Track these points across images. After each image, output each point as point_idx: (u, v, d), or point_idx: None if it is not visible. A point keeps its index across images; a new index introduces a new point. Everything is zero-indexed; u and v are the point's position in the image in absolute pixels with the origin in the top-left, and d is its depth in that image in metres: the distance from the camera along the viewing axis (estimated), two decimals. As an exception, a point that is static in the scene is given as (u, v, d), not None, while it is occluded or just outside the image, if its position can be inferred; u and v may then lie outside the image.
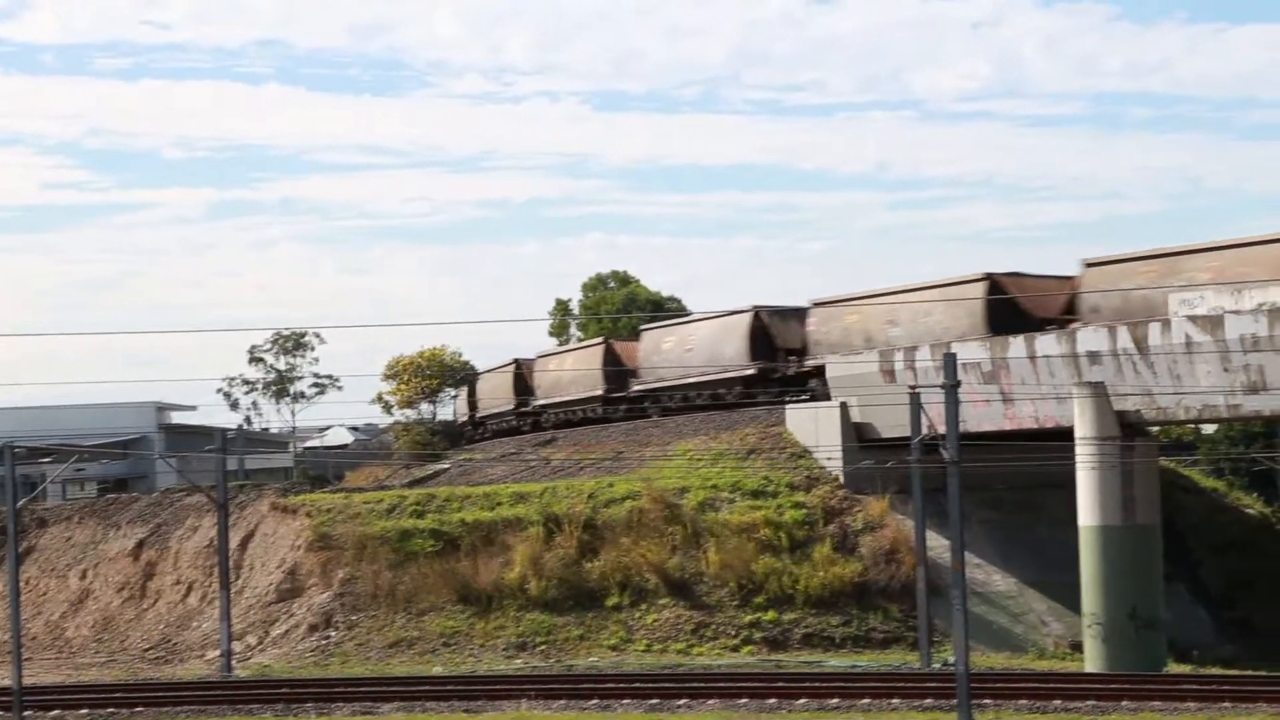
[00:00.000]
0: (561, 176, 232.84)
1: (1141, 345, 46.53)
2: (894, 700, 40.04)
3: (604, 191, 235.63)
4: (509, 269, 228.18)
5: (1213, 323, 44.65)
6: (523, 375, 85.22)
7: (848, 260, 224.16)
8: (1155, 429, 53.01)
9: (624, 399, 74.12)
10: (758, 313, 66.84)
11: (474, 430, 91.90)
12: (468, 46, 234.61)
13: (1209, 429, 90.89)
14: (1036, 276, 55.73)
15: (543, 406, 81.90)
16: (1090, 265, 51.95)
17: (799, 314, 65.03)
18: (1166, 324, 45.88)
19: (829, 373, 59.18)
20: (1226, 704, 38.45)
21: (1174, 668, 48.00)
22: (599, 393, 75.64)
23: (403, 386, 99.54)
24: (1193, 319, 45.16)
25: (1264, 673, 45.83)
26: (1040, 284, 55.19)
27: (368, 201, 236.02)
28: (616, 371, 74.65)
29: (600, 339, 78.68)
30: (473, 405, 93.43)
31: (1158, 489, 49.50)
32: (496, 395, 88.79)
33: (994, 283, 54.33)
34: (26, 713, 41.77)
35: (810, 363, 62.92)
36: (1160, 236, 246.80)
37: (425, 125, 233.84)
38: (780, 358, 65.39)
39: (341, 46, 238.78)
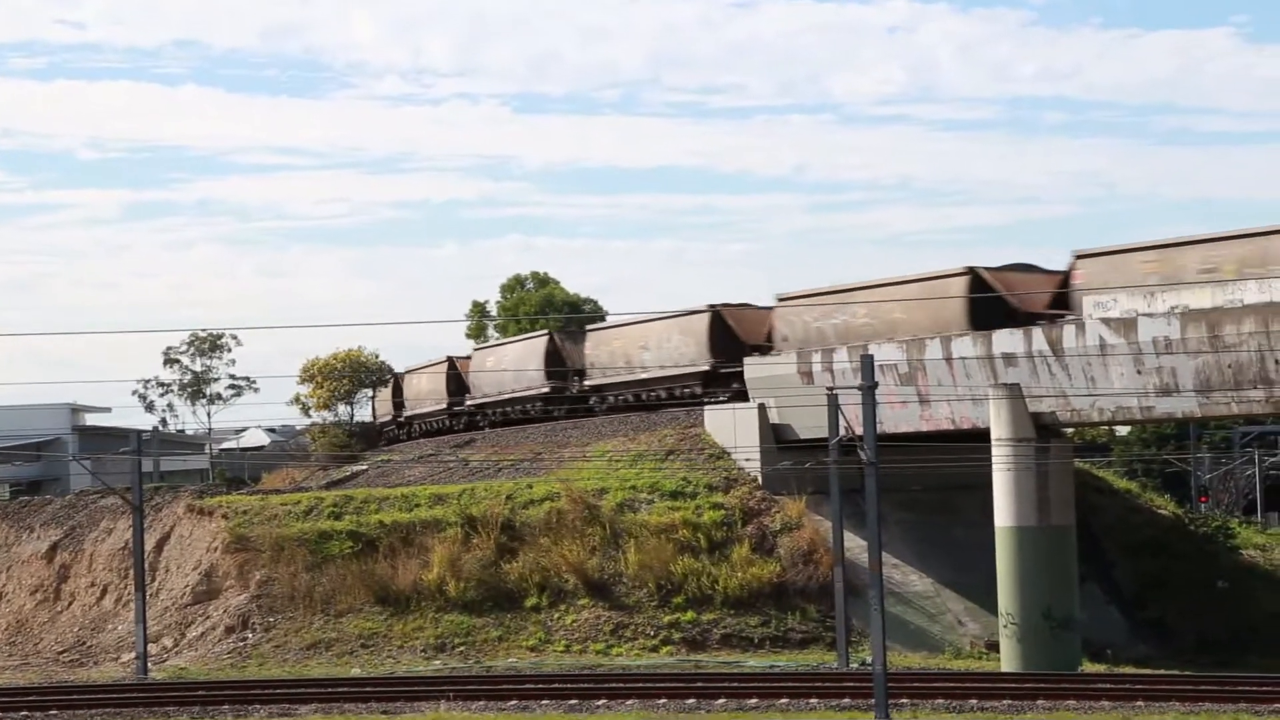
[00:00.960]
0: (481, 178, 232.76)
1: (1056, 347, 46.96)
2: (812, 700, 40.21)
3: (523, 193, 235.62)
4: (427, 270, 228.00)
5: (1126, 325, 45.10)
6: (399, 387, 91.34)
7: (768, 263, 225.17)
8: (1070, 430, 53.49)
9: (463, 412, 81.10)
10: (552, 336, 74.43)
11: (377, 436, 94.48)
12: (387, 48, 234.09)
13: (1122, 431, 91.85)
14: (755, 308, 63.42)
15: (410, 417, 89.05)
16: (781, 300, 59.55)
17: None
18: (1081, 326, 46.33)
19: (747, 373, 59.40)
20: (1140, 703, 38.86)
21: (1088, 667, 48.47)
22: (444, 406, 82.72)
23: (319, 389, 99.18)
24: (1106, 321, 45.60)
25: (1176, 672, 46.35)
26: (753, 314, 63.07)
27: (285, 203, 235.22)
28: (458, 387, 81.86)
29: (445, 358, 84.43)
30: (374, 413, 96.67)
31: (1072, 490, 49.96)
32: (385, 405, 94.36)
33: (716, 314, 63.22)
34: (-61, 716, 41.34)
35: (588, 383, 70.38)
36: (1074, 240, 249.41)
37: (344, 126, 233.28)
38: (571, 377, 71.41)
39: (257, 48, 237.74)
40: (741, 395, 60.06)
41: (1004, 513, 48.38)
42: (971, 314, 50.85)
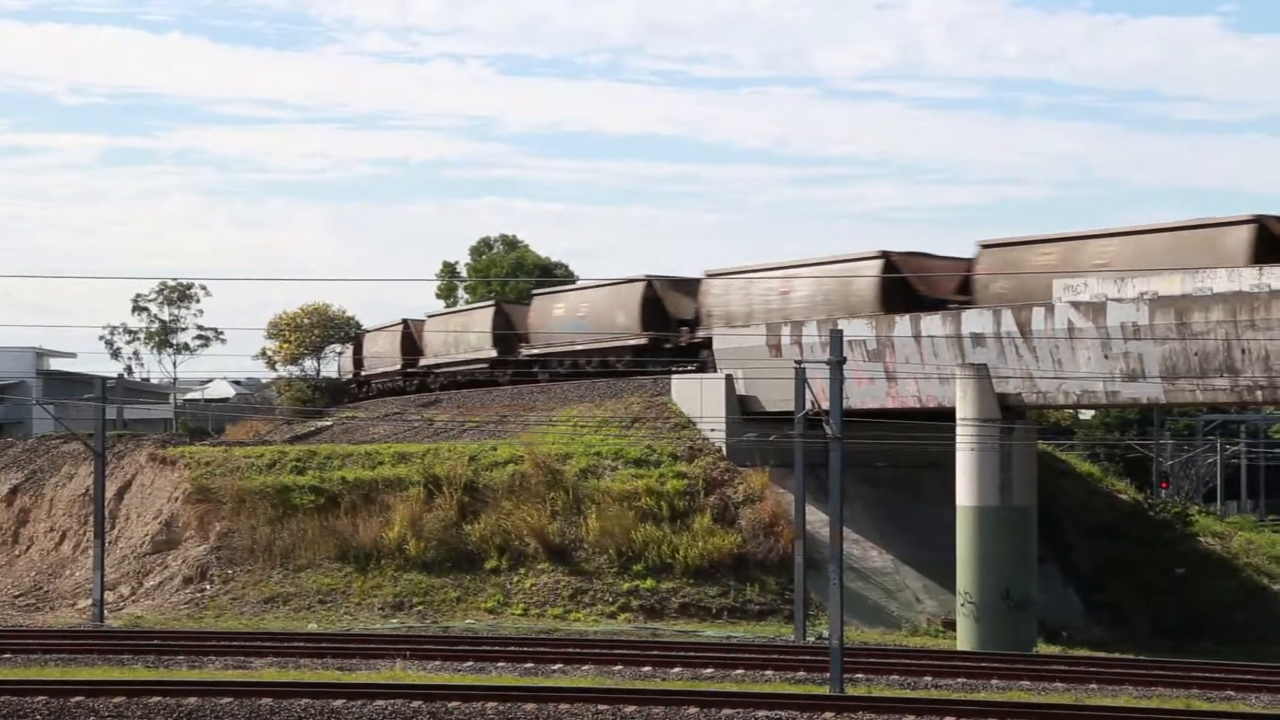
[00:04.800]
0: (463, 139, 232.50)
1: (1025, 329, 47.05)
2: (767, 671, 40.30)
3: (504, 155, 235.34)
4: (403, 229, 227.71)
5: (1095, 309, 45.21)
6: (361, 347, 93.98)
7: (745, 234, 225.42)
8: (1035, 412, 53.67)
9: (415, 374, 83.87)
10: (498, 304, 78.06)
11: (343, 392, 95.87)
12: (375, 5, 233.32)
13: (1086, 414, 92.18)
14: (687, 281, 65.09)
15: (367, 376, 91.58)
16: (709, 275, 61.87)
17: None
18: (1050, 309, 46.41)
19: (715, 345, 59.40)
20: (1093, 685, 39.04)
21: (1043, 648, 48.65)
22: (399, 367, 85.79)
23: (286, 343, 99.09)
24: (1075, 305, 45.70)
25: (1130, 656, 46.60)
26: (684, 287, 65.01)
27: (266, 155, 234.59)
28: (412, 348, 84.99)
29: (401, 321, 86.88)
30: (340, 369, 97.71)
31: (1035, 472, 50.12)
32: (349, 365, 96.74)
33: (649, 284, 65.50)
34: (-108, 656, 41.18)
35: (527, 351, 72.80)
36: (1051, 222, 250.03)
37: (328, 81, 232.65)
38: (515, 344, 74.35)
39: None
40: (701, 367, 60.94)
41: (966, 492, 48.52)
42: (883, 297, 53.07)
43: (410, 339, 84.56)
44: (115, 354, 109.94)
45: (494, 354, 74.74)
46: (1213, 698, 37.71)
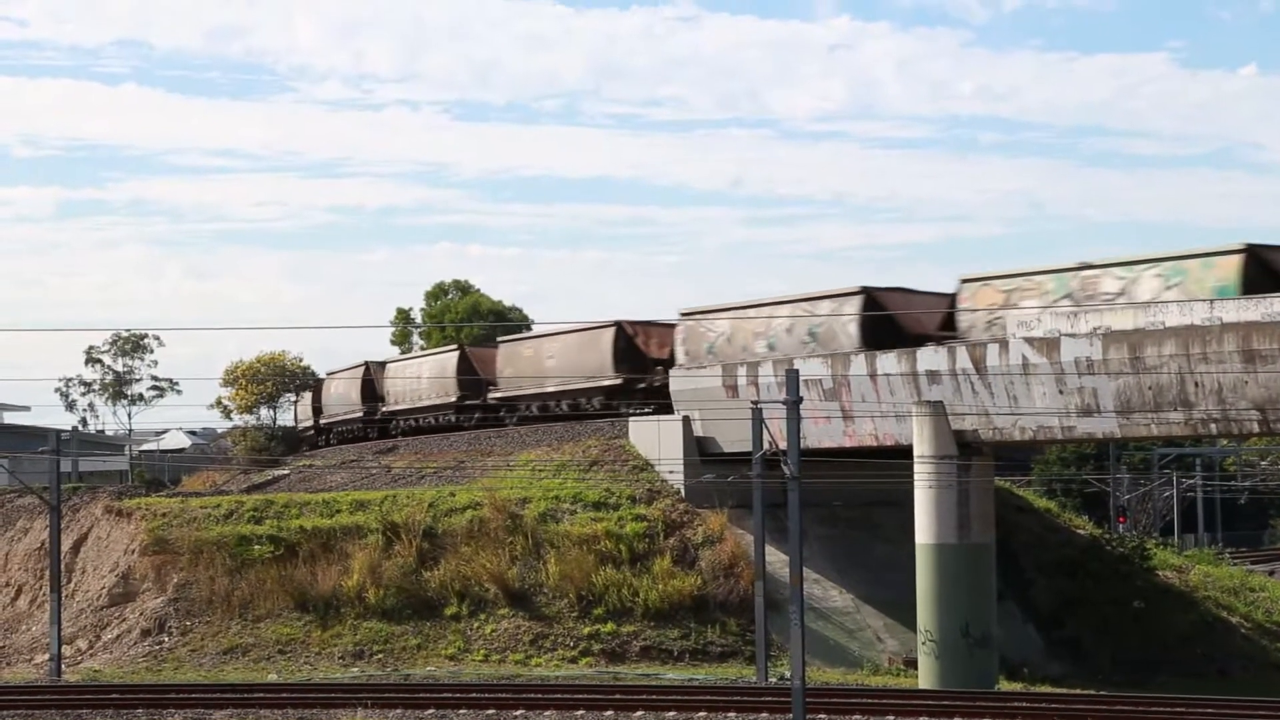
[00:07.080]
0: (417, 185, 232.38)
1: (980, 366, 47.22)
2: (730, 713, 40.27)
3: (458, 201, 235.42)
4: (358, 276, 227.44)
5: (1049, 345, 45.41)
6: (319, 395, 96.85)
7: (698, 275, 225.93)
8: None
9: (323, 428, 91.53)
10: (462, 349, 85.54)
11: (299, 440, 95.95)
12: (329, 53, 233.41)
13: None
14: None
15: (302, 429, 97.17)
16: (502, 342, 73.45)
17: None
18: (1005, 345, 46.60)
19: (673, 386, 59.45)
20: (1055, 721, 39.14)
21: (1005, 685, 48.72)
22: (311, 422, 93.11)
23: (240, 392, 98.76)
24: (1030, 341, 45.89)
25: (1091, 691, 46.69)
26: (486, 353, 75.74)
27: (220, 204, 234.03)
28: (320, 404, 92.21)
29: (314, 379, 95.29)
30: (296, 417, 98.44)
31: (993, 508, 50.23)
32: (306, 410, 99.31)
33: (462, 352, 76.46)
34: None
35: (384, 409, 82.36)
36: (1004, 259, 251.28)
37: (282, 129, 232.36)
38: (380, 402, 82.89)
39: (200, 49, 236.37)
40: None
41: (924, 529, 48.60)
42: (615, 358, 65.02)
43: (319, 394, 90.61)
44: (70, 406, 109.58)
45: (361, 412, 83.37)
46: (1174, 731, 37.82)
